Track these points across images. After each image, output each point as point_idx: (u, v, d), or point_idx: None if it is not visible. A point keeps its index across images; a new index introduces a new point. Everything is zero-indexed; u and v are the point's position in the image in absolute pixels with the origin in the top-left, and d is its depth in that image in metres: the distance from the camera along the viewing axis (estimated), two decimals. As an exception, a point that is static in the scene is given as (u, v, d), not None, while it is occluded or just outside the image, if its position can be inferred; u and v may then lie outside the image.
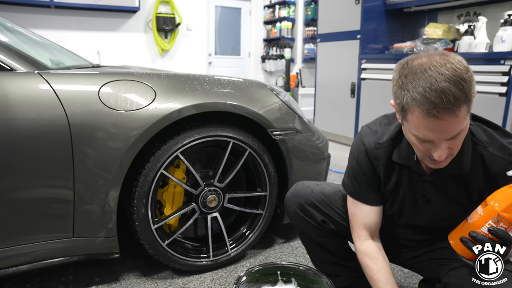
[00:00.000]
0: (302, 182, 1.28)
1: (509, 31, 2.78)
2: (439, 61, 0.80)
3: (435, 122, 0.79)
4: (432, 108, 0.77)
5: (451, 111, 0.77)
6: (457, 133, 0.82)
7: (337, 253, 1.28)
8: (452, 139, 0.83)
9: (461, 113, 0.78)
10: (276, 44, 7.03)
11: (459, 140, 0.85)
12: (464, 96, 0.78)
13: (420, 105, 0.78)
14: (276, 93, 1.69)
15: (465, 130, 0.85)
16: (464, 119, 0.81)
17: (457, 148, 0.87)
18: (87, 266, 1.62)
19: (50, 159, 1.23)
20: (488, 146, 0.93)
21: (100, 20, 5.59)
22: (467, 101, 0.80)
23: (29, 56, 1.34)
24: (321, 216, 1.20)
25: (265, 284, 1.18)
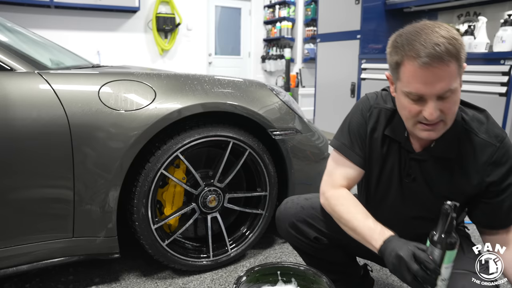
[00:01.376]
0: (292, 198, 1.23)
1: (509, 31, 2.78)
2: (433, 24, 0.84)
3: (427, 72, 0.80)
4: (425, 56, 0.79)
5: (443, 61, 0.79)
6: (447, 91, 0.82)
7: (336, 262, 1.26)
8: (443, 100, 0.84)
9: (451, 68, 0.80)
10: (276, 44, 7.03)
11: (450, 104, 0.85)
12: (455, 52, 0.80)
13: (413, 55, 0.81)
14: (276, 93, 1.69)
15: (456, 95, 0.85)
16: (455, 78, 0.83)
17: (449, 114, 0.87)
18: (87, 266, 1.62)
19: (50, 159, 1.23)
20: (478, 132, 0.94)
21: (100, 20, 5.59)
22: (458, 61, 0.82)
23: (29, 56, 1.34)
24: (314, 233, 1.16)
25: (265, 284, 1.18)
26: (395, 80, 0.91)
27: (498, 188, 0.94)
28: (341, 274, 1.29)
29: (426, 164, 0.99)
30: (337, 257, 1.25)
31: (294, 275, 1.19)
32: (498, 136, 0.94)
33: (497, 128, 0.95)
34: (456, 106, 0.88)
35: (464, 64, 0.85)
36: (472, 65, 2.88)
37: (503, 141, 0.93)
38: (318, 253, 1.21)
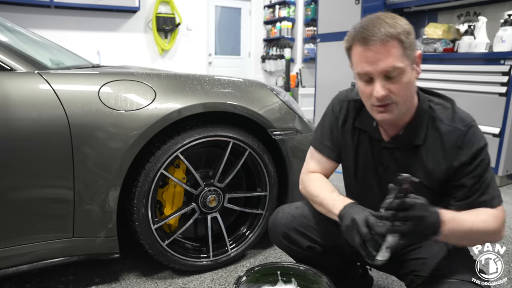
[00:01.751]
0: (282, 208, 1.22)
1: (509, 31, 2.78)
2: (384, 14, 0.91)
3: (369, 51, 0.87)
4: (366, 37, 0.87)
5: (382, 41, 0.85)
6: (392, 69, 0.87)
7: (333, 266, 1.26)
8: (390, 80, 0.88)
9: (393, 48, 0.86)
10: (276, 44, 7.03)
11: (399, 85, 0.89)
12: (396, 33, 0.86)
13: (357, 39, 0.89)
14: (276, 93, 1.69)
15: (405, 76, 0.89)
16: (399, 59, 0.87)
17: (399, 95, 0.90)
18: (87, 266, 1.62)
19: (50, 159, 1.23)
20: (444, 119, 0.96)
21: (100, 20, 5.59)
22: (401, 43, 0.86)
23: (29, 56, 1.34)
24: (306, 242, 1.16)
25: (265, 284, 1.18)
26: (352, 67, 0.96)
27: (465, 171, 0.95)
28: (339, 276, 1.29)
29: (397, 153, 1.02)
30: (333, 262, 1.24)
31: (294, 275, 1.19)
32: (464, 121, 0.95)
33: (464, 115, 0.97)
34: (408, 90, 0.91)
35: (417, 53, 0.91)
36: (472, 65, 2.89)
37: (468, 126, 0.95)
38: (313, 260, 1.20)
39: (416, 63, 0.92)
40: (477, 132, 0.95)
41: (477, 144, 0.93)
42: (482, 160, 0.93)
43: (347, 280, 1.31)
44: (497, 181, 2.83)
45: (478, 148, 0.93)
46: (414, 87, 0.94)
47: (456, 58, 3.06)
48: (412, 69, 0.91)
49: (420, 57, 0.93)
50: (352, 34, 0.92)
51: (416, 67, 0.93)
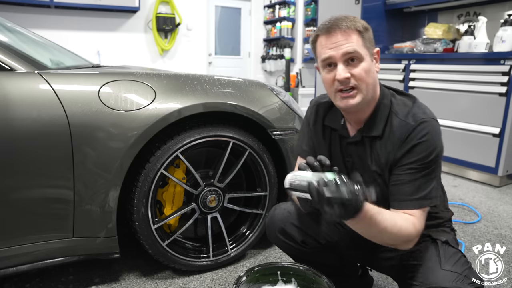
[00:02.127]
0: (279, 205, 1.25)
1: (509, 31, 2.78)
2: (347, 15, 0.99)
3: (331, 38, 0.96)
4: (328, 27, 0.96)
5: (342, 29, 0.95)
6: (352, 54, 0.94)
7: (328, 264, 1.27)
8: (351, 65, 0.95)
9: (352, 37, 0.95)
10: (276, 44, 7.03)
11: (360, 70, 0.95)
12: (354, 25, 0.95)
13: (321, 30, 0.98)
14: (276, 93, 1.69)
15: (365, 63, 0.96)
16: (359, 47, 0.95)
17: (361, 80, 0.96)
18: (87, 266, 1.62)
19: (50, 159, 1.23)
20: (400, 114, 1.01)
21: (100, 20, 5.59)
22: (360, 34, 0.96)
23: (29, 56, 1.34)
24: (300, 236, 1.18)
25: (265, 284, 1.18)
26: (316, 59, 1.03)
27: (403, 162, 0.97)
28: (337, 275, 1.29)
29: (361, 146, 1.07)
30: (329, 259, 1.25)
31: (294, 275, 1.19)
32: (416, 117, 0.98)
33: (419, 112, 0.99)
34: (369, 77, 0.97)
35: (375, 49, 1.00)
36: (472, 65, 2.89)
37: (419, 122, 0.97)
38: (308, 257, 1.22)
39: (375, 59, 1.01)
40: (425, 129, 0.96)
41: (419, 139, 0.95)
42: (423, 156, 0.95)
43: (346, 279, 1.31)
44: (497, 181, 2.83)
45: (418, 142, 0.95)
46: (374, 79, 1.00)
47: (456, 58, 3.06)
48: (372, 61, 0.99)
49: (378, 54, 1.01)
50: (317, 29, 1.01)
51: (375, 62, 1.01)
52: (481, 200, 2.55)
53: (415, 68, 3.33)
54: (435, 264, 0.99)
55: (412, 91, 3.36)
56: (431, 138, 0.95)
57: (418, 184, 0.95)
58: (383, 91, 1.05)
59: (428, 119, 0.97)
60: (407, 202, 0.96)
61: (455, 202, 2.49)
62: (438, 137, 0.97)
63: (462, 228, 2.09)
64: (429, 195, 0.96)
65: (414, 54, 3.44)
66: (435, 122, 0.98)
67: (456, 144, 3.02)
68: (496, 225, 2.15)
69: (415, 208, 0.95)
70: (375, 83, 1.00)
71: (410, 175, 0.96)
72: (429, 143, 0.95)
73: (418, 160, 0.95)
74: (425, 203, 0.95)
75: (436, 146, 0.96)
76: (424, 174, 0.95)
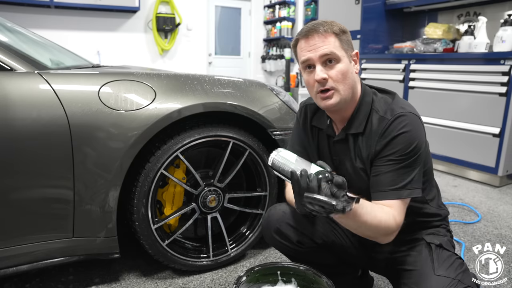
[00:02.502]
0: (274, 206, 1.27)
1: (509, 31, 2.78)
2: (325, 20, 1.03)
3: (309, 41, 1.00)
4: (306, 31, 1.01)
5: (319, 32, 0.99)
6: (329, 56, 0.98)
7: (326, 264, 1.27)
8: (328, 67, 0.99)
9: (329, 39, 0.99)
10: (276, 44, 7.03)
11: (337, 71, 0.99)
12: (330, 28, 0.99)
13: (300, 34, 1.03)
14: (276, 93, 1.69)
15: (343, 65, 0.99)
16: (337, 49, 0.99)
17: (338, 81, 1.00)
18: (87, 266, 1.62)
19: (50, 159, 1.23)
20: (380, 110, 1.04)
21: (100, 20, 5.59)
22: (338, 36, 1.00)
23: (29, 56, 1.34)
24: (296, 236, 1.19)
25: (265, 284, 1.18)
26: (298, 62, 1.07)
27: (381, 155, 1.00)
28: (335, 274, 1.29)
29: (345, 143, 1.09)
30: (325, 259, 1.25)
31: (294, 275, 1.19)
32: (393, 111, 1.00)
33: (397, 107, 1.02)
34: (346, 78, 1.00)
35: (354, 52, 1.03)
36: (472, 65, 2.89)
37: (396, 116, 0.99)
38: (305, 256, 1.22)
39: (354, 60, 1.04)
40: (403, 122, 0.98)
41: (397, 131, 0.97)
42: (401, 148, 0.97)
43: (345, 279, 1.31)
44: (497, 181, 2.83)
45: (396, 134, 0.97)
46: (353, 80, 1.03)
47: (456, 58, 3.06)
48: (350, 62, 1.02)
49: (357, 56, 1.05)
50: (297, 34, 1.05)
51: (354, 64, 1.04)
52: (481, 200, 2.55)
53: (415, 68, 3.33)
54: (428, 269, 0.99)
55: (412, 91, 3.36)
56: (409, 131, 0.97)
57: (397, 174, 0.97)
58: (364, 89, 1.08)
59: (406, 112, 1.00)
60: (386, 192, 0.97)
61: (455, 202, 2.49)
62: (417, 130, 0.99)
63: (462, 228, 2.09)
64: (409, 185, 0.97)
65: (414, 54, 3.44)
66: (413, 115, 1.00)
67: (456, 144, 3.02)
68: (496, 225, 2.15)
69: (393, 199, 0.96)
70: (353, 83, 1.03)
71: (389, 166, 0.98)
72: (408, 135, 0.97)
73: (396, 151, 0.97)
74: (403, 193, 0.96)
75: (415, 139, 0.97)
76: (404, 165, 0.97)
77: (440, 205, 1.16)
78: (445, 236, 1.11)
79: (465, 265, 1.00)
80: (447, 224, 1.15)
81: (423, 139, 1.00)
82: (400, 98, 1.08)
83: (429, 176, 1.12)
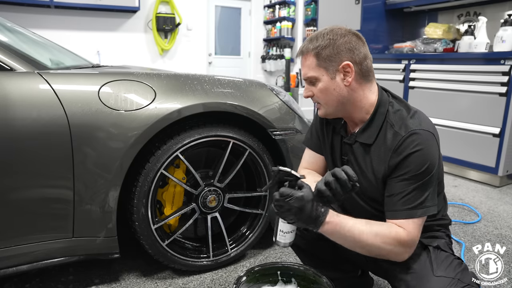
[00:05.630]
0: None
1: (509, 31, 2.78)
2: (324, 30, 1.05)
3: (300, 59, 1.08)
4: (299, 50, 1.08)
5: (303, 54, 1.06)
6: (309, 77, 1.05)
7: (330, 258, 1.27)
8: (312, 85, 1.06)
9: (308, 60, 1.04)
10: (276, 44, 7.03)
11: (317, 90, 1.05)
12: (311, 48, 1.03)
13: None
14: (276, 93, 1.69)
15: (322, 84, 1.03)
16: (312, 68, 1.03)
17: (320, 98, 1.06)
18: (87, 266, 1.62)
19: (50, 159, 1.23)
20: (395, 125, 1.01)
21: (100, 20, 5.59)
22: (316, 56, 1.02)
23: (29, 56, 1.34)
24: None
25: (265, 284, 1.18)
26: None
27: (394, 174, 0.99)
28: (336, 271, 1.29)
29: (355, 148, 1.10)
30: (327, 253, 1.25)
31: (294, 275, 1.19)
32: (408, 128, 0.98)
33: (414, 123, 0.99)
34: (326, 94, 1.05)
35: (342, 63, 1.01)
36: (472, 65, 2.89)
37: (410, 133, 0.97)
38: (309, 246, 1.23)
39: (345, 73, 1.02)
40: (416, 140, 0.96)
41: (409, 150, 0.95)
42: (414, 168, 0.95)
43: (345, 278, 1.31)
44: (497, 181, 2.83)
45: (409, 153, 0.95)
46: (338, 94, 1.04)
47: (456, 58, 3.06)
48: (332, 78, 1.03)
49: (350, 66, 1.01)
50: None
51: (344, 77, 1.03)
52: (481, 200, 2.55)
53: (415, 68, 3.33)
54: (427, 271, 0.99)
55: (412, 91, 3.36)
56: (422, 149, 0.95)
57: (410, 195, 0.96)
58: (381, 99, 1.06)
59: (420, 130, 0.97)
60: (397, 212, 0.97)
61: (455, 202, 2.49)
62: (430, 149, 0.96)
63: (462, 228, 2.09)
64: (422, 204, 0.96)
65: (414, 54, 3.44)
66: (428, 133, 0.97)
67: (456, 144, 3.02)
68: (496, 225, 2.15)
69: (404, 218, 0.96)
70: (339, 97, 1.04)
71: (401, 186, 0.97)
72: (420, 154, 0.95)
73: (409, 171, 0.96)
74: (417, 213, 0.95)
75: (427, 159, 0.95)
76: (417, 186, 0.95)
77: (443, 216, 1.15)
78: (443, 238, 1.11)
79: (464, 264, 1.00)
80: (447, 230, 1.15)
81: (435, 159, 0.97)
82: (417, 112, 1.04)
83: (440, 189, 1.10)
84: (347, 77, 1.03)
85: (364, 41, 1.06)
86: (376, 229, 0.94)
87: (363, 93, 1.05)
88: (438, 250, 1.04)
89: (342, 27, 1.06)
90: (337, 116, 1.09)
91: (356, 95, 1.05)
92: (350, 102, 1.05)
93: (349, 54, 1.02)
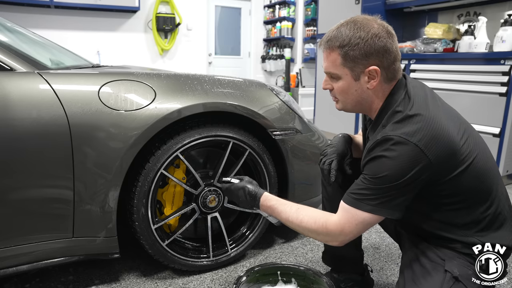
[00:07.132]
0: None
1: (509, 31, 2.78)
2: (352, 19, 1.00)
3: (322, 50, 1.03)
4: (320, 41, 1.03)
5: (324, 47, 1.00)
6: (327, 71, 1.02)
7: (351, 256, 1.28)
8: (332, 79, 1.03)
9: (331, 55, 0.99)
10: (276, 44, 7.03)
11: (337, 86, 1.03)
12: (335, 45, 0.97)
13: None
14: (276, 93, 1.69)
15: (342, 81, 1.01)
16: (335, 65, 0.99)
17: (337, 93, 1.04)
18: (87, 266, 1.62)
19: (50, 159, 1.23)
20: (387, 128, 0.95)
21: (100, 20, 5.59)
22: (341, 54, 0.96)
23: (29, 56, 1.34)
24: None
25: (265, 284, 1.18)
26: None
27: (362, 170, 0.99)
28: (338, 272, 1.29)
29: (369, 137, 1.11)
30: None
31: (294, 275, 1.19)
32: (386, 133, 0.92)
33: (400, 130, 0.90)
34: (344, 94, 1.03)
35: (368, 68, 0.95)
36: (472, 65, 2.89)
37: (383, 138, 0.91)
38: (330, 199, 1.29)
39: (370, 76, 0.97)
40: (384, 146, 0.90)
41: (374, 154, 0.92)
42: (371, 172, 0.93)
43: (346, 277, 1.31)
44: (497, 181, 2.83)
45: (372, 157, 0.93)
46: (358, 95, 1.02)
47: (456, 58, 3.06)
48: (356, 79, 0.99)
49: (373, 71, 0.96)
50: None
51: (368, 80, 0.98)
52: (481, 200, 2.55)
53: (415, 68, 3.33)
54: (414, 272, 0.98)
55: (412, 91, 3.36)
56: (385, 157, 0.89)
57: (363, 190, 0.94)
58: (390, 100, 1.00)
59: (398, 138, 0.88)
60: (344, 196, 0.99)
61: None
62: (398, 159, 0.87)
63: (462, 228, 2.09)
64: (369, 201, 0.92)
65: (414, 54, 3.44)
66: (409, 144, 0.87)
67: (456, 144, 3.02)
68: (496, 225, 2.14)
69: (345, 203, 0.96)
70: (358, 98, 1.03)
71: (360, 180, 0.97)
72: (380, 162, 0.90)
73: (368, 174, 0.94)
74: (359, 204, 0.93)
75: (389, 167, 0.88)
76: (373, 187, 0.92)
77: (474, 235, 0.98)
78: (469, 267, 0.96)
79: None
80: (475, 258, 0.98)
81: (401, 170, 0.88)
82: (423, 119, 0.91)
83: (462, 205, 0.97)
84: (371, 81, 0.98)
85: (395, 37, 1.00)
86: (303, 216, 1.03)
87: (383, 94, 1.02)
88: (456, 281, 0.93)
89: (377, 20, 0.99)
90: (353, 112, 1.09)
91: (375, 96, 1.02)
92: (368, 102, 1.04)
93: (379, 58, 0.95)
